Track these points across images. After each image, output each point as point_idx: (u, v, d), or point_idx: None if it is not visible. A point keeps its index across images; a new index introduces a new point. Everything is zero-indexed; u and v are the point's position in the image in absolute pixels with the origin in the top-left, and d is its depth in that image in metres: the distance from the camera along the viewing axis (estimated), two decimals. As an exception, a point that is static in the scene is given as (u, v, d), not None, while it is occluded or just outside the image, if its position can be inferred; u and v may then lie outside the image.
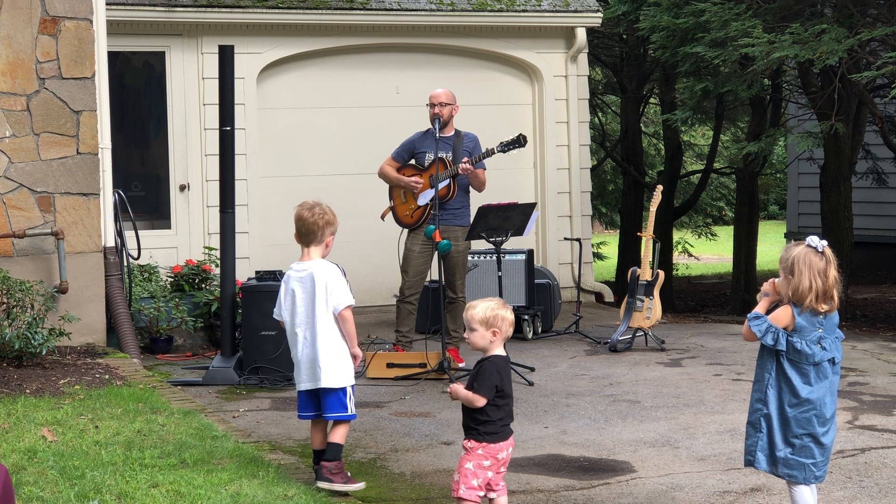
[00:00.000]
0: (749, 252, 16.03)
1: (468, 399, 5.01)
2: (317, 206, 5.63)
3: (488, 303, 5.06)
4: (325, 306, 5.58)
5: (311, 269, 5.61)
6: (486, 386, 4.99)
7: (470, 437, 5.03)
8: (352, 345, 5.65)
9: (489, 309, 5.02)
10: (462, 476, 4.98)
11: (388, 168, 9.25)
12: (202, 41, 11.85)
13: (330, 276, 5.58)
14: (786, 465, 4.97)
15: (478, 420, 5.01)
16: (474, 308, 5.04)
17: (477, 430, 5.01)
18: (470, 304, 5.10)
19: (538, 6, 12.98)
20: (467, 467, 4.99)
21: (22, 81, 8.94)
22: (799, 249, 4.94)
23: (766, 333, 4.95)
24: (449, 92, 9.01)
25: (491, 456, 5.01)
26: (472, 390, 5.01)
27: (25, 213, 8.95)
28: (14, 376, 7.69)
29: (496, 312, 5.01)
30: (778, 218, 29.96)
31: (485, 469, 4.99)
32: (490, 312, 5.01)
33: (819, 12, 12.06)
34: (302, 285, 5.63)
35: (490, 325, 5.00)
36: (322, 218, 5.61)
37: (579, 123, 13.29)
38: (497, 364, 5.04)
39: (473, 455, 5.00)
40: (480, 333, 5.01)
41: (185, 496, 5.16)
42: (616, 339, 9.90)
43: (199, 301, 9.92)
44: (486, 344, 5.05)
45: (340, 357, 5.61)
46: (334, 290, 5.56)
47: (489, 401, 4.98)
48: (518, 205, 9.01)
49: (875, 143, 15.22)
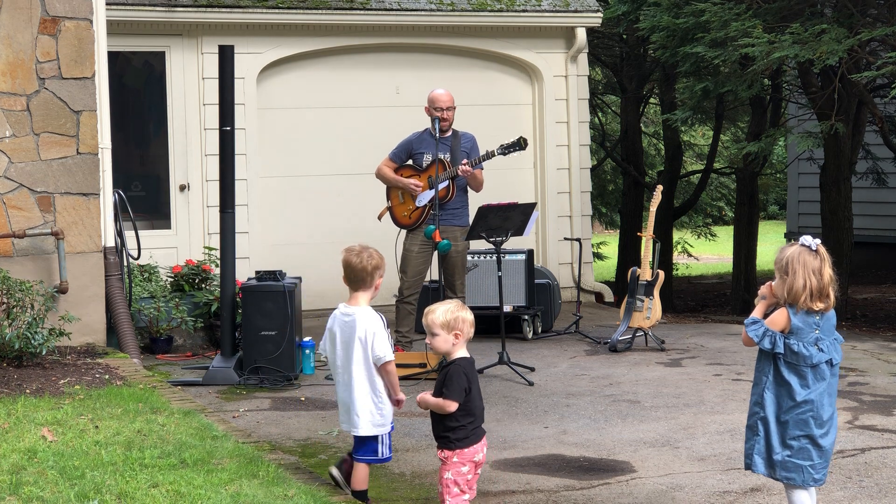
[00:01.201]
0: (749, 252, 16.03)
1: (439, 406, 4.96)
2: (364, 250, 5.50)
3: (447, 306, 5.03)
4: (363, 356, 5.43)
5: (355, 317, 5.45)
6: (456, 390, 4.96)
7: (443, 448, 5.00)
8: (395, 392, 5.51)
9: (449, 312, 4.98)
10: (444, 487, 4.96)
11: (385, 169, 9.25)
12: (202, 41, 11.85)
13: (372, 327, 5.41)
14: (783, 467, 4.97)
15: (448, 427, 4.98)
16: (434, 312, 4.98)
17: (448, 437, 4.98)
18: (429, 309, 5.03)
19: (538, 6, 12.98)
20: (447, 478, 4.97)
21: (22, 81, 8.94)
22: (793, 249, 4.95)
23: (763, 338, 4.97)
24: (451, 94, 9.02)
25: (468, 461, 5.00)
26: (441, 396, 4.98)
27: (25, 213, 8.95)
28: (14, 376, 7.69)
29: (456, 315, 4.97)
30: (778, 218, 29.96)
31: (464, 475, 4.98)
32: (450, 315, 4.96)
33: (819, 12, 12.06)
34: (343, 330, 5.50)
35: (451, 327, 4.96)
36: (370, 262, 5.47)
37: (579, 123, 13.29)
38: (463, 367, 5.02)
39: (450, 464, 4.97)
40: (443, 337, 4.97)
41: (185, 496, 5.16)
42: (616, 339, 9.90)
43: (199, 301, 9.92)
44: (449, 347, 5.03)
45: (377, 405, 5.46)
46: (376, 343, 5.40)
47: (460, 405, 4.97)
48: (518, 205, 9.01)
49: (875, 143, 15.22)
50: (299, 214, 12.33)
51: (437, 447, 5.06)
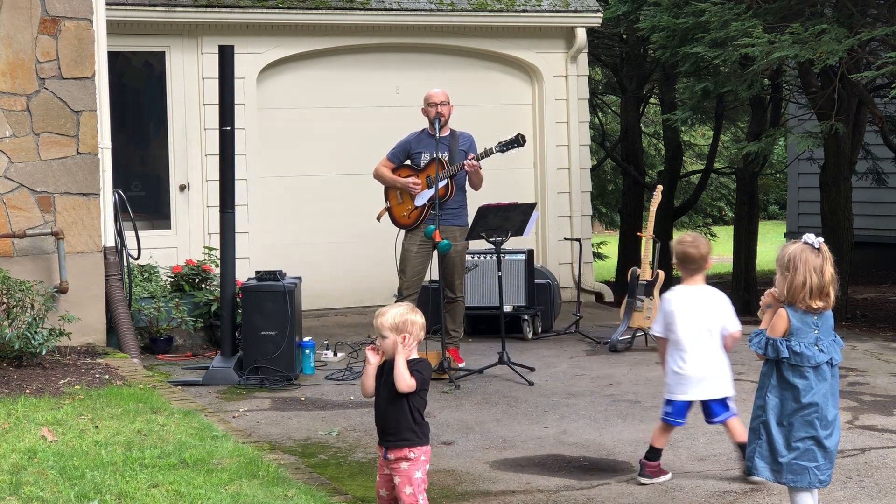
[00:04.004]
0: (749, 252, 16.01)
1: (401, 373, 4.82)
2: (696, 240, 6.09)
3: (397, 309, 4.97)
4: (718, 326, 5.99)
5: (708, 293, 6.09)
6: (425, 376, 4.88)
7: (408, 446, 4.88)
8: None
9: (398, 315, 4.92)
10: (416, 487, 4.86)
11: (383, 169, 9.25)
12: (202, 41, 11.85)
13: (725, 301, 6.09)
14: (790, 470, 4.95)
15: (417, 421, 4.88)
16: (383, 315, 4.93)
17: (416, 432, 4.88)
18: (379, 312, 4.99)
19: (538, 6, 12.98)
20: (418, 477, 4.88)
21: (22, 81, 8.94)
22: (795, 246, 4.96)
23: (766, 347, 4.99)
24: (445, 91, 9.04)
25: (427, 457, 4.96)
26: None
27: (25, 213, 8.95)
28: (14, 376, 7.69)
29: (405, 318, 4.92)
30: (778, 218, 29.95)
31: (426, 471, 4.96)
32: (399, 318, 4.91)
33: (819, 12, 12.05)
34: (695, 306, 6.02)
35: (401, 330, 4.91)
36: (707, 248, 6.10)
37: (579, 123, 13.29)
38: (428, 364, 4.99)
39: (418, 463, 4.88)
40: (392, 340, 4.93)
41: (185, 496, 5.16)
42: (616, 339, 9.90)
43: (199, 301, 9.92)
44: (398, 349, 4.93)
45: (727, 368, 6.06)
46: (728, 313, 6.04)
47: (419, 394, 4.88)
48: (518, 205, 9.01)
49: (875, 143, 15.21)
50: (299, 214, 12.33)
51: (399, 447, 4.89)
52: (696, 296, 6.05)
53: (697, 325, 5.99)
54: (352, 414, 7.58)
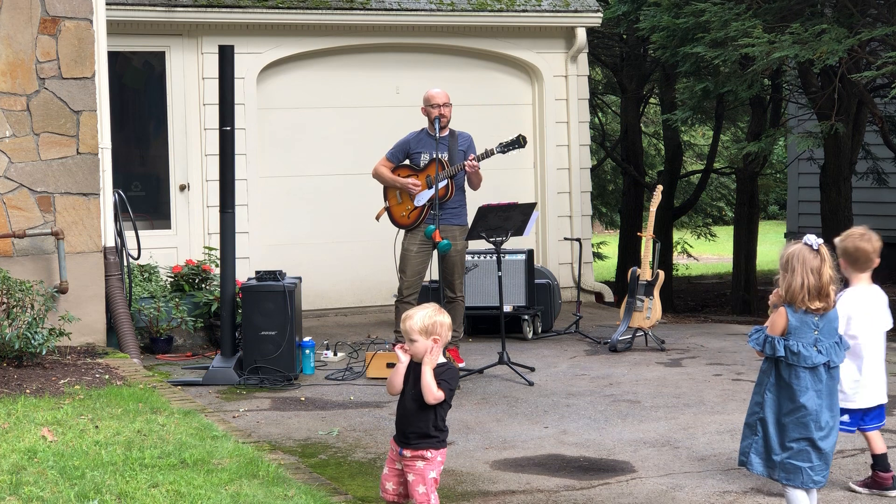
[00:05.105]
0: (749, 252, 16.03)
1: (429, 385, 4.83)
2: (865, 233, 5.76)
3: (424, 311, 4.95)
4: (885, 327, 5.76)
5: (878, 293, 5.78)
6: (452, 385, 4.90)
7: (428, 448, 4.90)
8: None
9: (427, 317, 4.90)
10: (429, 487, 4.88)
11: (383, 169, 9.25)
12: (202, 41, 11.85)
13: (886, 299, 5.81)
14: (783, 469, 4.98)
15: (439, 427, 4.92)
16: (411, 319, 4.91)
17: (437, 437, 4.92)
18: (406, 315, 4.96)
19: (538, 6, 12.98)
20: (432, 476, 4.91)
21: (22, 81, 8.95)
22: (795, 247, 4.98)
23: (764, 345, 5.00)
24: (446, 92, 9.05)
25: (444, 458, 4.98)
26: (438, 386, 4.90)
27: (25, 213, 8.95)
28: (14, 376, 7.69)
29: (434, 320, 4.91)
30: (778, 218, 29.96)
31: (440, 472, 4.97)
32: (428, 321, 4.90)
33: (819, 12, 12.06)
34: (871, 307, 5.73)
35: (430, 332, 4.91)
36: (879, 241, 5.76)
37: (579, 123, 13.29)
38: (456, 370, 5.00)
39: (434, 464, 4.91)
40: (422, 343, 4.92)
41: (185, 496, 5.16)
42: (616, 339, 9.90)
43: (199, 301, 9.92)
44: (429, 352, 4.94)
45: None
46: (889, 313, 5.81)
47: (446, 401, 4.89)
48: (518, 205, 9.01)
49: (875, 143, 15.21)
50: (299, 214, 12.33)
51: (417, 448, 4.92)
52: (873, 299, 5.74)
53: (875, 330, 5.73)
54: (352, 414, 7.58)
